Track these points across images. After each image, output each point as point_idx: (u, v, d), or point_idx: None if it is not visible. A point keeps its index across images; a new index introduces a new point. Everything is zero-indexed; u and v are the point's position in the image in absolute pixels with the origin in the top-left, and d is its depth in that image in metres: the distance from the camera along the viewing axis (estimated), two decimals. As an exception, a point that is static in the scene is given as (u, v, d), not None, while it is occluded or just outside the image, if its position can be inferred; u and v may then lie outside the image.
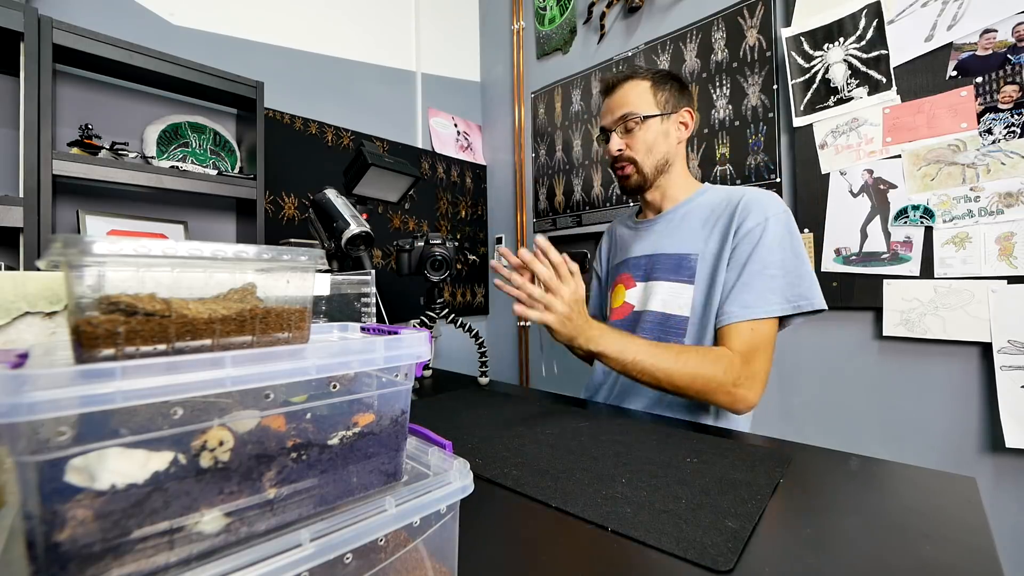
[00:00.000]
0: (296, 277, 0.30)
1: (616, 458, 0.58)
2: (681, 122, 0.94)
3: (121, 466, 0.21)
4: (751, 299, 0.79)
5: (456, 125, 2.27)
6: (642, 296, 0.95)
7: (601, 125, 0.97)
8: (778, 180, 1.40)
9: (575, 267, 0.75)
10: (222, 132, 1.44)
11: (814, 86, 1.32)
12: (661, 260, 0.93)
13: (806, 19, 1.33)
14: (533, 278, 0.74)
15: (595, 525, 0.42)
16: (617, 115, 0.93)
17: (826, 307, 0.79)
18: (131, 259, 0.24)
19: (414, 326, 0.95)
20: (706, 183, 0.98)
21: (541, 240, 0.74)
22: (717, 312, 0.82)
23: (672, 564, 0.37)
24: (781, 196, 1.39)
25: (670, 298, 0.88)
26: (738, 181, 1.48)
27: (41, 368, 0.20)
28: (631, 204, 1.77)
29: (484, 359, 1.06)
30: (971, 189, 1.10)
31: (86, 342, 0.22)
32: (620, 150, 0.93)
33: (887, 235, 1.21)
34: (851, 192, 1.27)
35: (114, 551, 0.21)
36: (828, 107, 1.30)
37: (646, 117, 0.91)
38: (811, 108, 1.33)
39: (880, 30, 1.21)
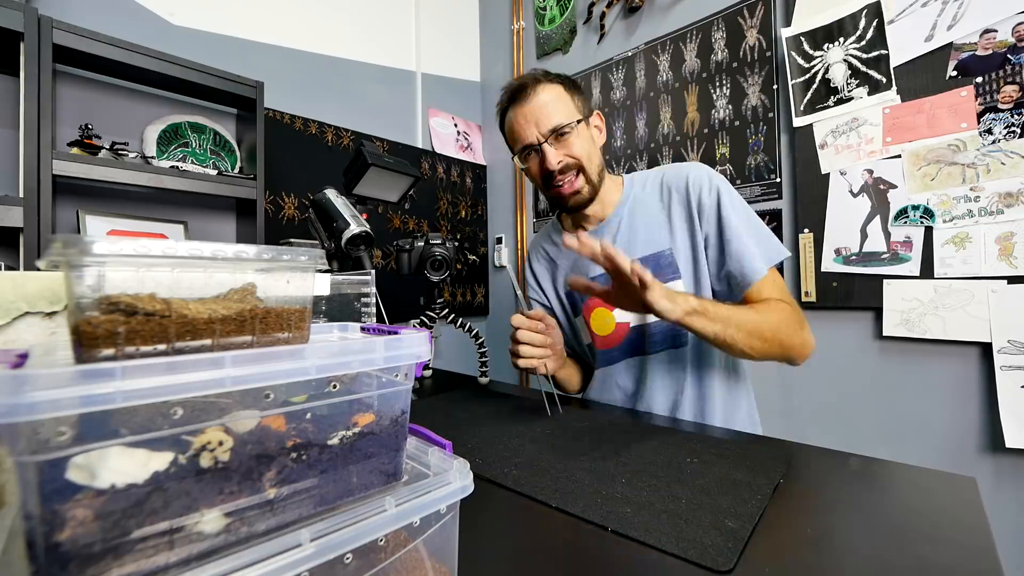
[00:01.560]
0: (296, 277, 0.30)
1: (616, 458, 0.58)
2: (596, 126, 0.88)
3: (121, 466, 0.21)
4: (755, 252, 0.78)
5: (456, 125, 2.27)
6: None
7: (526, 144, 0.82)
8: (778, 180, 1.40)
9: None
10: (222, 132, 1.43)
11: (814, 86, 1.32)
12: None
13: (806, 19, 1.33)
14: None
15: (595, 525, 0.42)
16: (546, 126, 0.80)
17: (789, 253, 0.80)
18: (131, 259, 0.24)
19: (414, 326, 0.95)
20: (620, 175, 0.93)
21: (608, 246, 0.64)
22: (731, 282, 0.80)
23: (672, 564, 0.37)
24: (781, 196, 1.40)
25: None
26: (738, 181, 1.48)
27: (41, 368, 0.20)
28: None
29: (484, 359, 1.06)
30: (971, 189, 1.10)
31: (86, 342, 0.22)
32: (561, 161, 0.82)
33: (887, 235, 1.21)
34: (851, 192, 1.27)
35: (114, 551, 0.21)
36: (828, 107, 1.30)
37: (579, 121, 0.82)
38: (811, 108, 1.33)
39: (880, 30, 1.21)
